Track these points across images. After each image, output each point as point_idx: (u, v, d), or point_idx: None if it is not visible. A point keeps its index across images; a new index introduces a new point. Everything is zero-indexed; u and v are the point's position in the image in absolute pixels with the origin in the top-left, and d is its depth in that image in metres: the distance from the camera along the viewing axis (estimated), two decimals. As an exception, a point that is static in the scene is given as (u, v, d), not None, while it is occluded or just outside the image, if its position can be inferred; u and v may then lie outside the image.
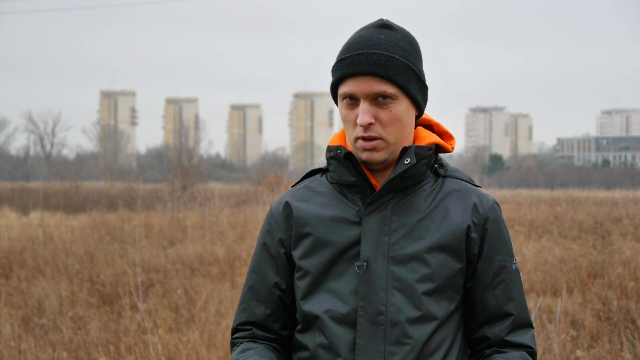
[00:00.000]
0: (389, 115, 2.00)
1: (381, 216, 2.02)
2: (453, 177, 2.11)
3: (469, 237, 2.04)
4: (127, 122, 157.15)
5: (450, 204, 2.05)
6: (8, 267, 11.20)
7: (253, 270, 2.16)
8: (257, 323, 2.13)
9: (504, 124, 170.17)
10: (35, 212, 23.29)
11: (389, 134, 2.00)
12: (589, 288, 8.73)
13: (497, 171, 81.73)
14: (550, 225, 15.52)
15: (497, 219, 2.07)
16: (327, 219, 2.05)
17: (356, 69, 1.99)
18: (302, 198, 2.12)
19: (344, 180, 2.06)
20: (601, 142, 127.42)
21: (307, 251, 2.06)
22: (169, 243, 13.40)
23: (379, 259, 2.00)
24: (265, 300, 2.12)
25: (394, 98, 2.00)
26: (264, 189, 28.18)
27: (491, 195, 2.15)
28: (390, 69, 1.99)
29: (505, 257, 2.07)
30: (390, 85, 1.99)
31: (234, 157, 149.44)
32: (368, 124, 1.98)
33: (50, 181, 49.53)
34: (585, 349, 6.43)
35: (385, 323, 1.98)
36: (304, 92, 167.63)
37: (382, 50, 2.00)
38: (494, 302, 2.05)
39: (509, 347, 2.06)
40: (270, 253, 2.12)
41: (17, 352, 6.53)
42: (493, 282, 2.05)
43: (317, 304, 2.04)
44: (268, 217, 2.15)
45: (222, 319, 7.24)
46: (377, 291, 1.99)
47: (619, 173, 74.07)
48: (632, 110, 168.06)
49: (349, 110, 2.03)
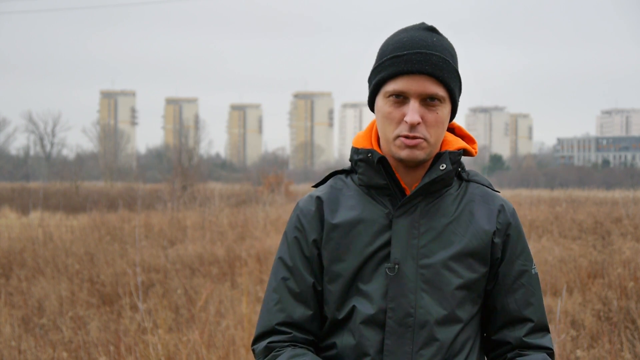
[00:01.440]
0: (435, 117, 2.01)
1: (411, 219, 2.03)
2: (475, 182, 2.14)
3: (493, 242, 2.07)
4: (127, 122, 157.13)
5: (476, 209, 2.08)
6: (8, 267, 11.20)
7: (288, 269, 2.09)
8: (297, 325, 2.06)
9: (504, 124, 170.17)
10: (35, 212, 23.27)
11: (432, 136, 2.01)
12: (589, 288, 8.73)
13: (497, 171, 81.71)
14: (550, 225, 15.51)
15: (517, 225, 2.12)
16: (356, 221, 2.05)
17: (415, 67, 1.98)
18: (331, 199, 2.10)
19: (373, 183, 2.06)
20: (601, 142, 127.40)
21: (338, 254, 2.06)
22: (169, 243, 13.40)
23: (409, 261, 2.01)
24: (305, 300, 2.07)
25: (442, 101, 2.02)
26: (264, 189, 28.20)
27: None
28: (445, 72, 2.01)
29: (525, 262, 2.11)
30: (442, 88, 2.01)
31: (234, 157, 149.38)
32: (417, 122, 1.98)
33: (50, 181, 49.47)
34: (585, 349, 6.43)
35: (413, 325, 2.00)
36: (304, 92, 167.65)
37: (438, 52, 2.01)
38: (514, 305, 2.08)
39: (529, 350, 2.08)
40: (304, 253, 2.08)
41: (17, 352, 6.53)
42: (514, 286, 2.09)
43: (348, 305, 2.04)
44: (297, 215, 2.11)
45: (222, 319, 7.25)
46: (406, 293, 2.00)
47: (619, 173, 74.02)
48: (632, 110, 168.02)
49: (394, 108, 2.02)
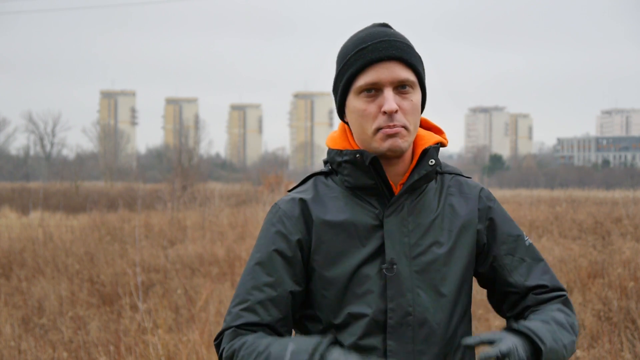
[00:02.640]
0: (411, 104, 1.98)
1: (400, 217, 2.01)
2: (448, 173, 2.13)
3: (477, 230, 2.07)
4: (127, 122, 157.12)
5: (454, 200, 2.08)
6: (8, 267, 11.20)
7: (265, 272, 2.00)
8: (268, 325, 1.98)
9: (504, 124, 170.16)
10: (35, 212, 23.28)
11: (410, 123, 1.98)
12: (589, 288, 8.72)
13: (497, 171, 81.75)
14: (550, 225, 15.51)
15: (497, 206, 2.12)
16: (346, 224, 2.00)
17: (382, 53, 1.96)
18: (316, 200, 2.04)
19: (360, 184, 2.01)
20: (601, 142, 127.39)
21: (331, 259, 2.00)
22: (169, 243, 13.39)
23: (403, 260, 2.00)
24: (279, 304, 1.98)
25: (414, 87, 2.00)
26: (264, 189, 28.18)
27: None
28: (412, 56, 1.99)
29: (516, 236, 2.11)
30: (412, 72, 1.99)
31: (234, 157, 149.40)
32: (395, 110, 1.94)
33: (50, 181, 49.51)
34: (585, 349, 6.43)
35: (413, 323, 1.98)
36: (304, 92, 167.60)
37: (400, 39, 2.00)
38: (521, 280, 2.08)
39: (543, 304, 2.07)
40: (285, 256, 2.00)
41: (17, 352, 6.53)
42: (513, 263, 2.09)
43: (347, 310, 1.99)
44: (280, 217, 2.02)
45: (222, 319, 7.24)
46: (404, 292, 1.99)
47: (619, 173, 74.00)
48: (632, 110, 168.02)
49: (368, 103, 1.97)
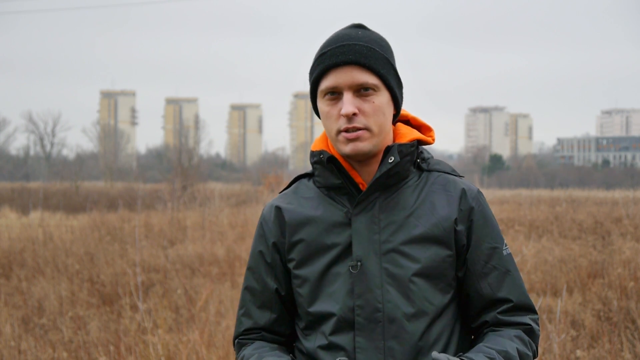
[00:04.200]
0: (372, 106, 2.01)
1: (370, 215, 2.03)
2: (436, 171, 2.12)
3: (455, 230, 2.05)
4: (127, 122, 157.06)
5: (436, 198, 2.07)
6: (8, 267, 11.20)
7: (253, 277, 2.17)
8: (265, 328, 2.15)
9: (504, 124, 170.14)
10: (35, 212, 23.28)
11: (373, 124, 2.01)
12: (589, 288, 8.72)
13: (497, 171, 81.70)
14: (550, 225, 15.51)
15: (482, 209, 2.09)
16: (317, 223, 2.07)
17: (339, 58, 2.00)
18: (291, 203, 2.12)
19: (329, 184, 2.08)
20: (601, 142, 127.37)
21: (302, 258, 2.08)
22: (169, 243, 13.39)
23: (372, 257, 2.01)
24: (270, 306, 2.14)
25: (376, 90, 2.02)
26: (264, 189, 28.21)
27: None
28: (371, 59, 2.01)
29: (493, 244, 2.07)
30: (372, 75, 2.01)
31: (234, 157, 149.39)
32: (352, 113, 1.99)
33: (50, 181, 49.50)
34: (585, 349, 6.42)
35: (383, 319, 1.99)
36: (304, 92, 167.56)
37: (362, 42, 2.03)
38: (488, 289, 2.05)
39: (505, 327, 2.05)
40: (266, 260, 2.13)
41: (17, 352, 6.53)
42: (484, 269, 2.06)
43: (317, 308, 2.05)
44: (260, 223, 2.16)
45: (222, 319, 7.25)
46: (372, 289, 2.00)
47: (619, 173, 74.00)
48: (632, 110, 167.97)
49: (330, 107, 2.03)
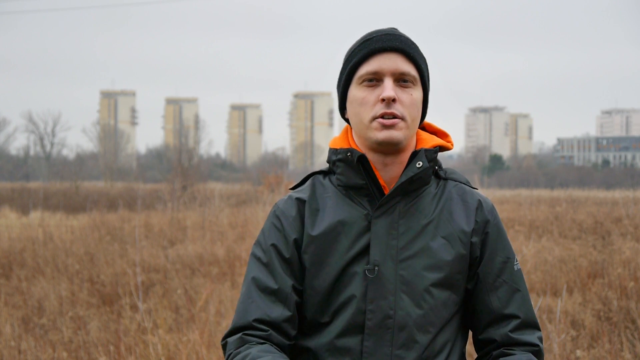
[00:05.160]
0: (410, 98, 2.01)
1: (389, 219, 2.00)
2: (453, 180, 2.11)
3: (471, 242, 2.04)
4: (127, 122, 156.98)
5: (454, 207, 2.05)
6: (8, 267, 11.20)
7: (262, 269, 2.04)
8: (275, 325, 1.99)
9: (504, 124, 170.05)
10: (35, 212, 23.27)
11: (408, 116, 2.00)
12: (589, 288, 8.72)
13: (497, 171, 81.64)
14: (550, 225, 15.50)
15: (496, 222, 2.08)
16: (336, 224, 2.02)
17: (386, 44, 2.00)
18: (312, 200, 2.07)
19: (352, 183, 2.03)
20: (601, 142, 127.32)
21: (320, 258, 2.02)
22: (169, 243, 13.39)
23: (388, 262, 1.98)
24: (283, 301, 2.00)
25: (414, 83, 2.02)
26: (264, 189, 28.18)
27: (489, 197, 2.15)
28: (415, 52, 2.03)
29: (506, 258, 2.06)
30: (414, 67, 2.02)
31: (234, 157, 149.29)
32: (392, 99, 1.97)
33: (50, 181, 49.51)
34: (585, 349, 6.42)
35: (393, 327, 1.96)
36: (304, 92, 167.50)
37: (406, 36, 2.05)
38: (497, 303, 2.04)
39: (515, 346, 2.02)
40: (282, 254, 2.04)
41: (17, 352, 6.53)
42: (495, 283, 2.04)
43: (329, 308, 2.01)
44: (276, 215, 2.08)
45: (222, 319, 7.24)
46: (386, 295, 1.97)
47: (619, 173, 73.97)
48: (632, 110, 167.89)
49: (368, 92, 2.00)
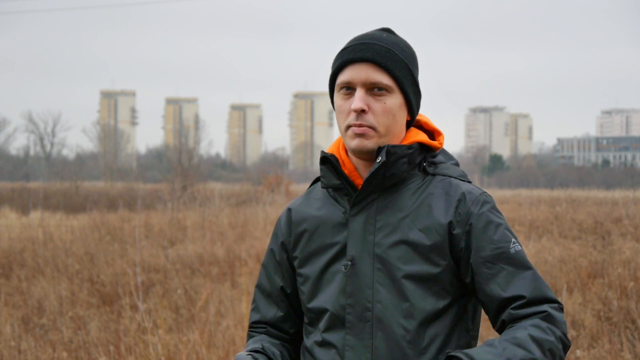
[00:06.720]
0: (383, 107, 2.03)
1: (366, 216, 2.06)
2: (441, 174, 2.09)
3: (451, 233, 2.02)
4: (127, 122, 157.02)
5: (435, 201, 2.05)
6: (8, 267, 11.20)
7: (264, 274, 2.26)
8: (270, 323, 2.23)
9: (504, 124, 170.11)
10: (35, 212, 23.28)
11: (380, 125, 2.03)
12: (589, 288, 8.72)
13: (497, 171, 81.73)
14: (550, 225, 15.51)
15: (482, 213, 2.04)
16: (319, 223, 2.13)
17: (356, 55, 2.04)
18: (301, 205, 2.21)
19: (331, 184, 2.11)
20: (601, 142, 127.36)
21: (304, 257, 2.15)
22: (169, 243, 13.39)
23: (365, 257, 2.05)
24: (276, 302, 2.22)
25: (390, 91, 2.03)
26: (264, 189, 28.21)
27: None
28: (388, 60, 2.03)
29: (499, 244, 2.01)
30: (387, 76, 2.03)
31: (234, 157, 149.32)
32: (361, 109, 2.01)
33: (50, 181, 49.50)
34: (585, 349, 6.43)
35: (372, 319, 2.02)
36: (304, 92, 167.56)
37: (383, 43, 2.06)
38: (498, 290, 1.99)
39: (521, 319, 1.96)
40: (276, 258, 2.22)
41: (17, 352, 6.53)
42: (492, 271, 2.00)
43: (314, 305, 2.11)
44: (277, 222, 2.26)
45: (222, 319, 7.25)
46: (363, 288, 2.04)
47: (619, 173, 74.05)
48: (632, 110, 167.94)
49: (344, 101, 2.07)
